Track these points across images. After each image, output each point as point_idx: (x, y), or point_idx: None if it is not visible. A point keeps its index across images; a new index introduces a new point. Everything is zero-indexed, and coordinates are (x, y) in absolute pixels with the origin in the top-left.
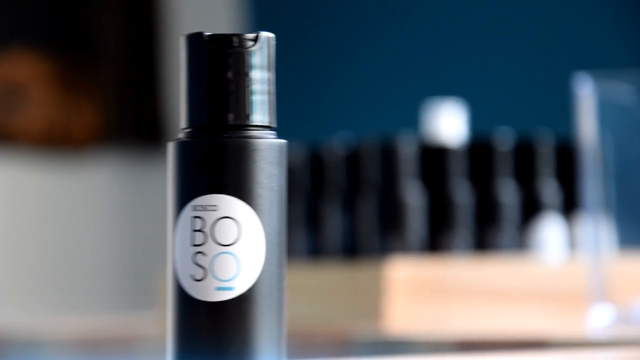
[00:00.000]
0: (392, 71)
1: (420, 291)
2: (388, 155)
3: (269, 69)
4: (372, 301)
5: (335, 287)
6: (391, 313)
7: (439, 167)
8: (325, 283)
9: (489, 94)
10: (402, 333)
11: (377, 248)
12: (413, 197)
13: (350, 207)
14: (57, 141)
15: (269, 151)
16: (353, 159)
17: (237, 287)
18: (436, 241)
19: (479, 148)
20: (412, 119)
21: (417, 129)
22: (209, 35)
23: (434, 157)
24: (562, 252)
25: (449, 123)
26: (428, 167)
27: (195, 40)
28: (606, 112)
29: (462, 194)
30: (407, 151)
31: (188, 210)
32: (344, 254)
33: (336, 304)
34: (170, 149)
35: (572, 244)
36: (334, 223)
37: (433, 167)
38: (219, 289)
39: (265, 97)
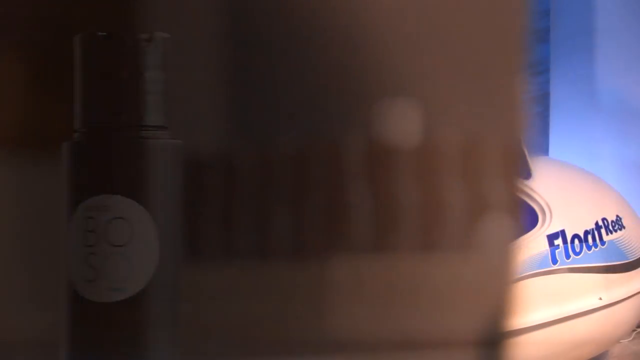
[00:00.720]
0: (342, 71)
1: (365, 291)
2: (335, 156)
3: (163, 69)
4: (317, 301)
5: (280, 286)
6: (336, 313)
7: (385, 168)
8: (271, 283)
9: (437, 94)
10: (346, 333)
11: (323, 248)
12: (359, 198)
13: (297, 207)
14: (31, 142)
15: (162, 151)
16: (300, 160)
17: (129, 288)
18: (382, 241)
19: (426, 148)
20: (362, 120)
21: (366, 129)
22: (103, 35)
23: (380, 157)
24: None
25: (399, 123)
26: (374, 167)
27: (89, 40)
28: None
29: (408, 194)
30: (353, 152)
31: (81, 211)
32: (289, 254)
33: (281, 303)
34: (64, 150)
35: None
36: (280, 223)
37: (380, 167)
38: (111, 290)
39: (159, 97)
